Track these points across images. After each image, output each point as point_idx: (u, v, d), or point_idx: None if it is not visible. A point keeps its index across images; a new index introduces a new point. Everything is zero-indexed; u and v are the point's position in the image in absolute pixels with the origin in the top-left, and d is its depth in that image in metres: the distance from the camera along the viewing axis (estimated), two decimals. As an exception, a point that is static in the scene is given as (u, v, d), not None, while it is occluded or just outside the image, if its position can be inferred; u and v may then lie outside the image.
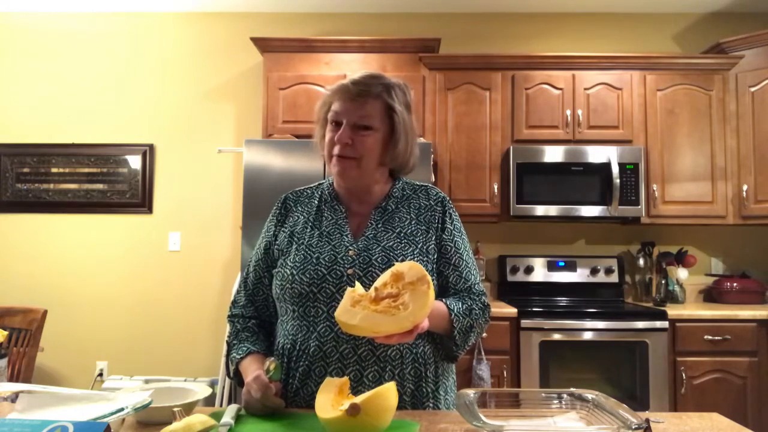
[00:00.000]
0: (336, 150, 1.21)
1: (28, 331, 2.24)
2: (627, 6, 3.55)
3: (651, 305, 3.13)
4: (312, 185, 1.38)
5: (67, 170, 3.62)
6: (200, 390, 1.15)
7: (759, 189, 3.11)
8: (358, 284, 1.07)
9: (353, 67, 3.24)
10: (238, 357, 1.22)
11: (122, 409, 0.91)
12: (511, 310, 2.86)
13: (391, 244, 1.21)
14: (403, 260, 1.18)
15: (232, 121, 3.63)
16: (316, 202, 1.32)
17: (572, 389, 1.06)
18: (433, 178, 2.91)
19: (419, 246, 1.22)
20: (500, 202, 3.18)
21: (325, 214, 1.28)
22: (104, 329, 3.55)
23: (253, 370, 1.13)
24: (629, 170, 3.09)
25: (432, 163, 2.88)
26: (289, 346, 1.20)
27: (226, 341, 1.31)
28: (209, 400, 2.97)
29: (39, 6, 3.62)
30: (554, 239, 3.52)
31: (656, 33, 3.60)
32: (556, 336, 2.82)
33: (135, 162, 3.61)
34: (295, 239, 1.26)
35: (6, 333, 1.54)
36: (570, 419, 1.00)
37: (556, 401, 1.06)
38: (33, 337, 2.24)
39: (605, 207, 3.08)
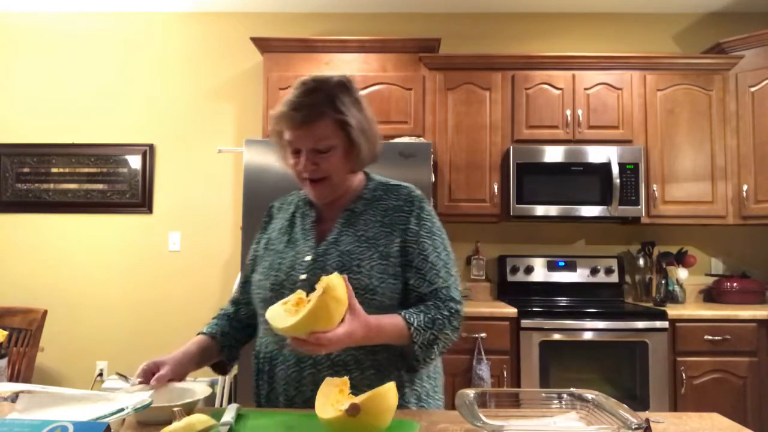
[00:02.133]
0: (304, 175, 1.21)
1: (28, 331, 2.24)
2: (627, 6, 3.55)
3: (651, 305, 3.13)
4: (295, 191, 1.40)
5: (67, 170, 3.62)
6: (200, 390, 1.15)
7: (759, 189, 3.11)
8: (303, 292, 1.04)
9: (353, 66, 3.24)
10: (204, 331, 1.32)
11: (122, 410, 0.91)
12: (511, 310, 2.86)
13: (349, 248, 1.19)
14: (358, 264, 1.16)
15: (232, 121, 3.63)
16: (292, 208, 1.34)
17: (572, 389, 1.06)
18: (433, 178, 2.91)
19: (380, 249, 1.19)
20: (500, 202, 3.18)
21: (297, 221, 1.30)
22: (104, 329, 3.55)
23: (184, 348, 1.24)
24: (629, 170, 3.09)
25: (432, 163, 2.88)
26: (257, 349, 1.26)
27: None
28: (209, 400, 2.97)
29: (39, 6, 3.62)
30: (554, 239, 3.52)
31: (656, 33, 3.60)
32: (556, 336, 2.82)
33: (135, 162, 3.61)
34: (270, 246, 1.30)
35: (6, 333, 1.54)
36: (570, 419, 1.00)
37: (556, 401, 1.06)
38: (33, 337, 2.24)
39: (605, 207, 3.08)
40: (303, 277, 1.18)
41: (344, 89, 1.20)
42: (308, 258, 1.20)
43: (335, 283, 0.96)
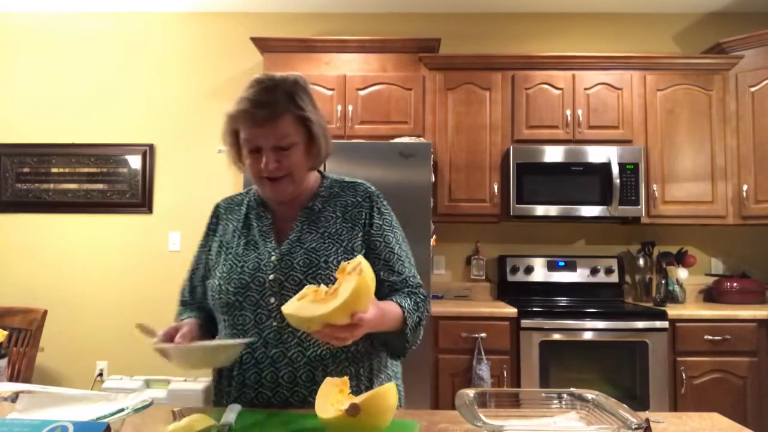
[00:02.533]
0: (265, 174, 1.19)
1: (28, 331, 2.24)
2: (627, 6, 3.55)
3: (651, 305, 3.13)
4: (242, 191, 1.38)
5: (67, 170, 3.62)
6: (235, 341, 1.13)
7: (759, 189, 3.11)
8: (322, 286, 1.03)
9: (353, 67, 3.24)
10: (181, 318, 1.26)
11: (122, 410, 0.91)
12: (511, 310, 2.86)
13: (314, 245, 1.20)
14: (325, 261, 1.18)
15: (232, 121, 3.63)
16: (244, 209, 1.31)
17: (572, 389, 1.06)
18: (433, 178, 2.91)
19: (344, 244, 1.21)
20: (500, 202, 3.18)
21: (253, 222, 1.28)
22: (104, 329, 3.55)
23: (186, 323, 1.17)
24: (629, 170, 3.09)
25: (432, 163, 2.88)
26: (227, 372, 1.21)
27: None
28: (209, 400, 2.96)
29: (39, 6, 3.62)
30: (554, 239, 3.52)
31: (656, 33, 3.60)
32: (556, 336, 2.82)
33: (135, 162, 3.61)
34: (224, 249, 1.27)
35: (6, 333, 1.54)
36: (570, 419, 1.00)
37: (556, 401, 1.06)
38: (33, 337, 2.24)
39: (605, 207, 3.08)
40: (271, 277, 1.17)
41: (301, 88, 1.20)
42: (273, 258, 1.19)
43: (366, 264, 0.96)
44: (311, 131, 1.20)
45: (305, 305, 0.96)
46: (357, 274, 0.94)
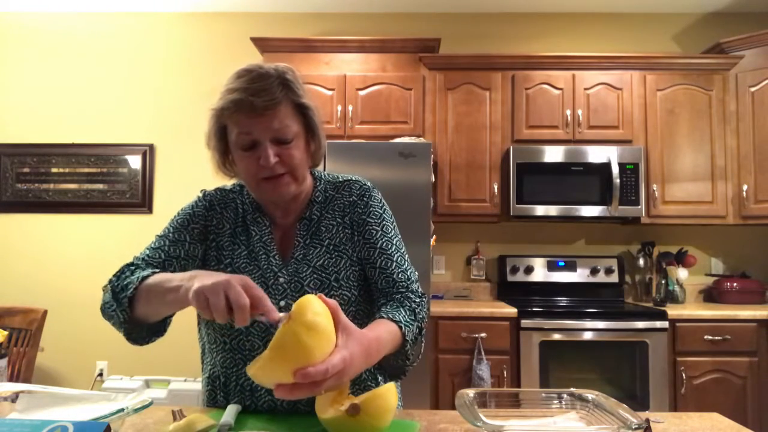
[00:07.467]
0: (265, 173, 1.07)
1: (28, 331, 2.24)
2: (627, 6, 3.55)
3: (651, 305, 3.13)
4: (236, 185, 1.27)
5: (67, 170, 3.62)
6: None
7: (759, 189, 3.11)
8: None
9: (353, 67, 3.24)
10: (146, 275, 1.04)
11: (122, 410, 0.91)
12: (511, 310, 2.86)
13: (321, 262, 1.12)
14: (336, 278, 1.11)
15: (232, 121, 3.63)
16: (240, 210, 1.20)
17: (572, 389, 1.06)
18: (433, 178, 2.91)
19: (348, 254, 1.14)
20: (500, 202, 3.18)
21: (251, 229, 1.17)
22: (104, 329, 3.54)
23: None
24: (629, 170, 3.09)
25: (432, 163, 2.88)
26: (223, 379, 1.14)
27: (105, 287, 1.13)
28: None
29: (39, 6, 3.62)
30: (554, 239, 3.52)
31: (656, 33, 3.60)
32: (556, 336, 2.82)
33: (135, 162, 3.61)
34: (223, 256, 1.15)
35: (6, 333, 1.54)
36: (570, 419, 1.00)
37: (556, 401, 1.06)
38: (33, 337, 2.24)
39: (605, 207, 3.08)
40: (282, 303, 1.09)
41: (293, 76, 1.09)
42: (282, 280, 1.10)
43: (305, 305, 0.79)
44: (310, 122, 1.11)
45: (259, 359, 0.83)
46: (287, 322, 0.77)
